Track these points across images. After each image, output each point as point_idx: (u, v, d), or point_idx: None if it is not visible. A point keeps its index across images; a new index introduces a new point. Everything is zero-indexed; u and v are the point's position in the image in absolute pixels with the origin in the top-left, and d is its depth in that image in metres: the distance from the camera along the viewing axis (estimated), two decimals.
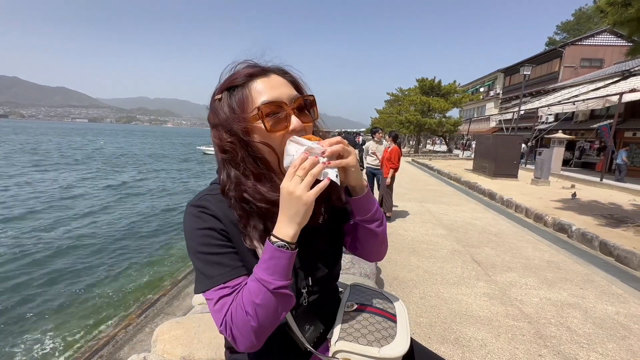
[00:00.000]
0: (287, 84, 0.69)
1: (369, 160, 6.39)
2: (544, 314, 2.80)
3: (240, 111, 0.65)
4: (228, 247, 0.67)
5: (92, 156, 27.90)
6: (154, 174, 19.23)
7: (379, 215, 0.79)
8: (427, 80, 27.51)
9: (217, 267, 0.65)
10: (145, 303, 4.50)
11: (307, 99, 0.70)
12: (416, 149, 30.06)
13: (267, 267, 0.60)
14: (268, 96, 0.64)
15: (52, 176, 15.98)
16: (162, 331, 1.13)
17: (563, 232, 5.35)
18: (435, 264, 3.87)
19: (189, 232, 0.67)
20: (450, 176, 12.33)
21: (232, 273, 0.65)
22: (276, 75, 0.69)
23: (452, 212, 6.68)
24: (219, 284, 0.63)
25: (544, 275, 3.62)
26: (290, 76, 0.72)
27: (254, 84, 0.66)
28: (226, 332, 0.61)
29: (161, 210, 10.35)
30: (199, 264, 0.65)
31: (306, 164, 0.59)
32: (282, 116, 0.65)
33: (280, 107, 0.65)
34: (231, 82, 0.67)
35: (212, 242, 0.66)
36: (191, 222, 0.67)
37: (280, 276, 0.60)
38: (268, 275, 0.59)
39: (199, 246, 0.65)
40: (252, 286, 0.60)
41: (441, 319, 2.68)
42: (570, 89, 17.60)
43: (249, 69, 0.67)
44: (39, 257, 6.21)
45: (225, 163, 0.68)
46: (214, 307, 0.63)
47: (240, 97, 0.66)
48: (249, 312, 0.59)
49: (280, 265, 0.59)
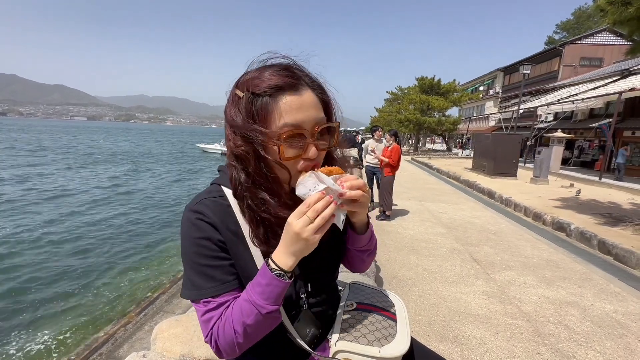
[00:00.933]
0: (317, 104, 0.64)
1: (369, 159, 6.39)
2: (542, 312, 2.81)
3: (260, 123, 0.61)
4: (222, 258, 0.66)
5: (94, 154, 27.85)
6: (153, 172, 19.20)
7: (371, 245, 0.82)
8: (427, 79, 27.49)
9: (207, 279, 0.65)
10: (144, 301, 4.50)
11: (331, 125, 0.66)
12: (415, 148, 30.07)
13: (263, 292, 0.60)
14: (292, 118, 0.60)
15: (60, 174, 15.95)
16: (161, 329, 1.13)
17: (562, 230, 5.37)
18: (434, 262, 3.87)
19: (185, 239, 0.66)
20: (449, 175, 12.34)
21: (221, 288, 0.65)
22: (309, 91, 0.63)
23: (452, 210, 6.69)
24: (206, 297, 0.64)
25: (543, 274, 3.63)
26: (323, 94, 0.67)
27: (283, 98, 0.60)
28: (211, 343, 0.64)
29: (160, 209, 10.34)
30: (190, 272, 0.66)
31: (319, 205, 0.57)
32: (301, 143, 0.62)
33: (301, 134, 0.61)
34: (257, 85, 0.61)
35: (206, 252, 0.65)
36: (188, 228, 0.66)
37: (274, 302, 0.60)
38: (262, 299, 0.60)
39: (192, 255, 0.65)
40: (244, 306, 0.61)
41: (440, 317, 2.69)
42: (570, 88, 17.60)
43: (279, 78, 0.61)
44: (37, 256, 6.20)
45: (237, 163, 0.66)
46: (200, 317, 0.66)
47: (265, 108, 0.61)
48: (237, 331, 0.61)
49: (275, 292, 0.60)
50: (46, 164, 20.07)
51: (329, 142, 0.68)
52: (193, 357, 1.26)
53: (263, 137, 0.61)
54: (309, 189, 0.60)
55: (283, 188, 0.68)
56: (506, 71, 29.90)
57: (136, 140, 57.89)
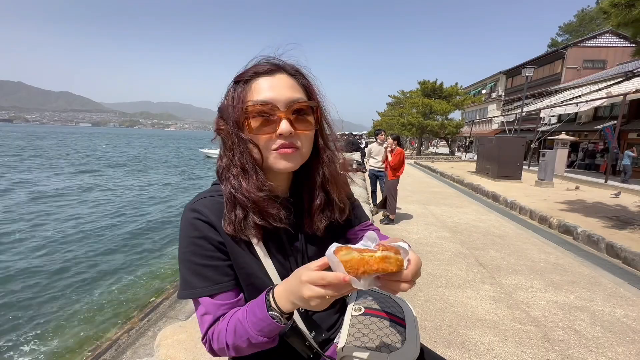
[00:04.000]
0: (294, 86, 0.66)
1: (372, 163, 6.37)
2: (551, 318, 2.75)
3: (236, 102, 0.65)
4: (218, 259, 0.66)
5: (100, 158, 28.06)
6: (157, 177, 19.28)
7: None
8: (429, 83, 27.51)
9: (202, 279, 0.65)
10: (147, 306, 4.48)
11: (309, 105, 0.66)
12: (418, 152, 30.01)
13: (256, 323, 0.58)
14: (263, 96, 0.63)
15: (65, 179, 16.07)
16: (165, 335, 1.11)
17: (568, 234, 5.30)
18: (439, 266, 3.83)
19: (182, 238, 0.67)
20: (453, 178, 12.27)
21: (214, 289, 0.65)
22: (285, 75, 0.66)
23: (456, 214, 6.63)
24: (200, 296, 0.65)
25: (550, 278, 3.58)
26: (303, 79, 0.69)
27: (258, 81, 0.65)
28: (205, 345, 0.66)
29: (163, 214, 10.36)
30: (185, 272, 0.66)
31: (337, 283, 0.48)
32: (272, 119, 0.63)
33: (271, 110, 0.62)
34: (240, 75, 0.67)
35: (201, 252, 0.65)
36: (185, 227, 0.66)
37: (266, 335, 0.59)
38: (255, 331, 0.58)
39: (188, 254, 0.65)
40: (238, 328, 0.60)
41: (447, 322, 2.65)
42: (573, 91, 17.52)
43: (259, 67, 0.66)
44: (40, 260, 6.21)
45: (223, 150, 0.70)
46: (198, 316, 0.67)
47: (242, 91, 0.65)
48: (229, 345, 0.61)
49: (267, 330, 0.58)
50: (54, 168, 20.22)
51: (311, 123, 0.67)
52: None
53: (237, 115, 0.64)
54: None
55: (258, 166, 0.67)
56: (509, 74, 29.84)
57: (145, 145, 58.27)
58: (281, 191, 0.73)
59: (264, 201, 0.65)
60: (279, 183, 0.72)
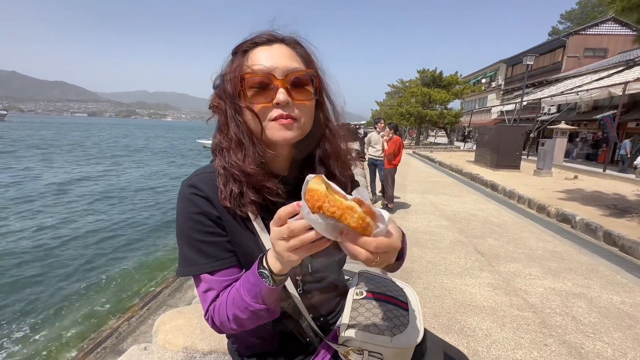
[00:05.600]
0: (292, 56, 0.64)
1: (371, 152, 6.33)
2: (548, 304, 2.77)
3: (232, 73, 0.63)
4: (217, 234, 0.65)
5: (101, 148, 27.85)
6: (155, 167, 19.19)
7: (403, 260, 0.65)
8: (428, 72, 27.23)
9: (202, 255, 0.64)
10: (147, 295, 4.50)
11: (306, 73, 0.63)
12: (417, 141, 29.92)
13: (250, 289, 0.57)
14: (259, 66, 0.61)
15: (85, 169, 15.96)
16: (162, 321, 1.10)
17: (566, 222, 5.32)
18: (438, 254, 3.84)
19: (180, 215, 0.65)
20: (451, 168, 12.26)
21: (216, 265, 0.64)
22: (284, 45, 0.64)
23: (454, 203, 6.64)
24: (201, 273, 0.64)
25: (548, 266, 3.60)
26: (301, 49, 0.66)
27: (255, 51, 0.63)
28: (208, 321, 0.65)
29: (163, 203, 10.34)
30: (185, 248, 0.65)
31: (296, 226, 0.45)
32: (269, 88, 0.60)
33: (268, 78, 0.60)
34: (238, 46, 0.65)
35: (201, 228, 0.64)
36: (183, 204, 0.65)
37: (262, 301, 0.57)
38: (250, 297, 0.57)
39: (187, 230, 0.64)
40: (236, 297, 0.59)
41: (445, 309, 2.66)
42: (574, 80, 17.38)
43: (258, 37, 0.64)
44: (41, 251, 6.21)
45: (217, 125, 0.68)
46: (200, 294, 0.66)
47: (239, 62, 0.63)
48: (230, 318, 0.60)
49: (261, 294, 0.56)
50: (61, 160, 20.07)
51: (310, 93, 0.65)
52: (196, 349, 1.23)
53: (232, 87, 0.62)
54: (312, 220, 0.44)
55: (255, 138, 0.64)
56: (509, 63, 29.56)
57: (146, 135, 57.85)
58: (280, 169, 0.71)
59: (259, 174, 0.63)
60: (278, 159, 0.69)
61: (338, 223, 0.42)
